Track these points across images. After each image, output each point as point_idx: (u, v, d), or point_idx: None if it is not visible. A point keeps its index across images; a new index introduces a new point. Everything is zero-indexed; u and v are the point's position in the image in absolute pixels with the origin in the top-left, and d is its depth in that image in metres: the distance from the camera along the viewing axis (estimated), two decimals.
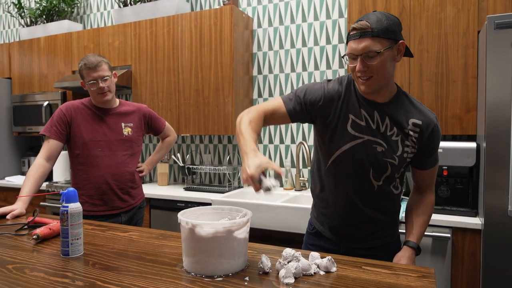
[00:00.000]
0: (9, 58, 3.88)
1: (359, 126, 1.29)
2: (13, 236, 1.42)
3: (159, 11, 3.14)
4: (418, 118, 1.29)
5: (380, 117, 1.28)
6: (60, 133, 1.90)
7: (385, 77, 1.22)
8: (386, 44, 1.18)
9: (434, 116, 1.32)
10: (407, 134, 1.29)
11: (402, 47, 1.23)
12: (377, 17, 1.18)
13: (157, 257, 1.18)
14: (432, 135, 1.31)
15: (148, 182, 3.47)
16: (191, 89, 2.94)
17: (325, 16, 2.83)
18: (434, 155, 1.36)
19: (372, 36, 1.17)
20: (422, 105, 1.33)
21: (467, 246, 1.92)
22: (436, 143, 1.34)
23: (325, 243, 1.44)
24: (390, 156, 1.29)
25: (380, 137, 1.28)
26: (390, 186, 1.35)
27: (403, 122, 1.28)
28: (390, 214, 1.40)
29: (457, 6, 2.15)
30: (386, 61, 1.19)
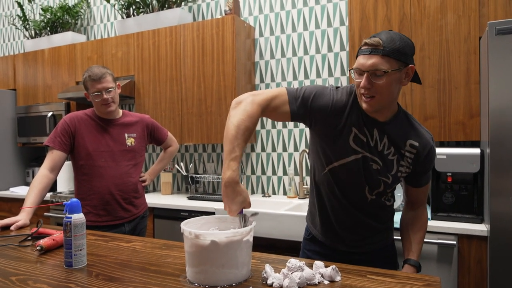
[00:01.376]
0: (13, 69, 3.92)
1: (360, 141, 1.28)
2: (17, 247, 1.42)
3: (161, 22, 3.17)
4: (416, 140, 1.29)
5: (379, 136, 1.28)
6: (64, 144, 1.91)
7: (389, 98, 1.20)
8: (395, 65, 1.15)
9: (430, 137, 1.32)
10: (403, 154, 1.29)
11: (411, 72, 1.21)
12: (391, 37, 1.16)
13: (161, 267, 1.17)
14: (428, 157, 1.32)
15: (151, 191, 3.47)
16: (193, 99, 2.96)
17: (326, 24, 2.85)
18: (428, 173, 1.38)
19: (382, 55, 1.14)
20: (420, 126, 1.33)
21: (474, 253, 1.90)
22: (431, 163, 1.35)
23: (320, 248, 1.44)
24: (384, 174, 1.29)
25: (377, 155, 1.28)
26: (381, 198, 1.36)
27: (400, 142, 1.28)
28: (383, 221, 1.41)
29: (458, 13, 2.16)
30: (392, 82, 1.17)
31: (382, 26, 2.33)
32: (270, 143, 3.06)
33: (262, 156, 3.08)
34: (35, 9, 4.33)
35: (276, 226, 2.27)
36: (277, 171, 3.03)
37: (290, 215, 2.23)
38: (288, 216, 2.24)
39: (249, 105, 1.20)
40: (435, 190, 2.11)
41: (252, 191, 3.12)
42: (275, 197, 2.92)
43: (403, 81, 1.21)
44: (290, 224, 2.22)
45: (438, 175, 2.11)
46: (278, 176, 3.03)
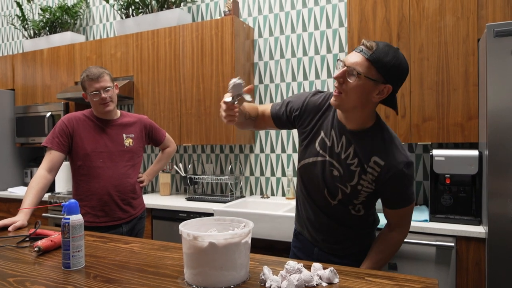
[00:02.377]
0: (12, 69, 3.92)
1: (325, 145, 1.31)
2: (15, 248, 1.41)
3: (160, 22, 3.16)
4: (382, 158, 1.23)
5: (346, 144, 1.27)
6: (62, 144, 1.91)
7: (354, 103, 1.18)
8: (372, 74, 1.13)
9: (404, 162, 1.23)
10: (366, 169, 1.25)
11: (386, 92, 1.17)
12: (387, 50, 1.14)
13: (159, 269, 1.17)
14: (391, 180, 1.24)
15: (150, 192, 3.47)
16: (192, 99, 2.96)
17: (325, 26, 2.85)
18: (398, 198, 1.29)
19: (367, 58, 1.13)
20: (398, 148, 1.25)
21: (472, 255, 1.90)
22: (399, 189, 1.26)
23: (303, 244, 1.49)
24: (343, 183, 1.29)
25: (339, 162, 1.29)
26: (348, 207, 1.33)
27: (365, 156, 1.25)
28: (355, 228, 1.38)
29: (457, 15, 2.16)
30: (362, 89, 1.15)
31: (381, 27, 2.33)
32: (269, 144, 3.06)
33: (261, 157, 3.08)
34: (34, 9, 4.32)
35: (274, 227, 2.27)
36: (276, 172, 3.03)
37: (288, 217, 2.23)
38: (286, 218, 2.24)
39: None
40: (434, 192, 2.12)
41: (251, 192, 3.12)
42: (274, 198, 2.92)
43: (374, 97, 1.17)
44: (289, 225, 2.22)
45: (437, 177, 2.11)
46: (276, 177, 3.03)
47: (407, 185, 1.26)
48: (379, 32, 2.34)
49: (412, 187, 1.29)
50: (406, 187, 1.27)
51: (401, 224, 1.34)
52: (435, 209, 2.11)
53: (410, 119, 2.27)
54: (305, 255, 1.49)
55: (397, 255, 2.02)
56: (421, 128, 2.24)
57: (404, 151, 1.25)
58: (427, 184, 2.53)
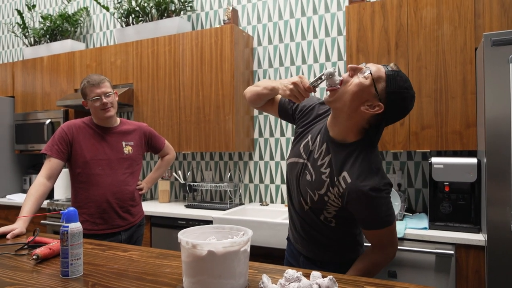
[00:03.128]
0: (12, 77, 3.93)
1: (307, 148, 1.34)
2: (13, 256, 1.41)
3: (160, 31, 3.19)
4: (350, 176, 1.19)
5: (325, 152, 1.28)
6: (61, 152, 1.91)
7: (344, 102, 1.19)
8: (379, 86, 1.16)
9: (370, 186, 1.16)
10: (334, 182, 1.23)
11: (376, 110, 1.16)
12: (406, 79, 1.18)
13: (157, 277, 1.17)
14: (356, 201, 1.19)
15: (149, 199, 3.46)
16: (192, 107, 2.97)
17: (324, 34, 2.87)
18: (367, 219, 1.23)
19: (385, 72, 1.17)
20: (371, 170, 1.19)
21: (471, 263, 1.90)
22: (365, 211, 1.20)
23: (293, 249, 1.51)
24: (312, 189, 1.29)
25: (313, 167, 1.30)
26: (319, 216, 1.31)
27: (337, 169, 1.23)
28: (331, 238, 1.34)
29: (454, 24, 2.18)
30: (360, 91, 1.16)
31: (379, 36, 2.35)
32: (268, 152, 3.06)
33: (260, 165, 3.09)
34: (34, 17, 4.35)
35: (273, 234, 2.27)
36: (275, 179, 3.03)
37: (287, 224, 2.23)
38: (285, 225, 2.24)
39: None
40: (433, 199, 2.12)
41: (250, 200, 3.12)
42: (273, 206, 2.92)
43: (364, 107, 1.17)
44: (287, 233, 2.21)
45: (435, 185, 2.11)
46: (276, 185, 3.03)
47: (375, 208, 1.19)
48: (377, 41, 2.36)
49: (384, 211, 1.20)
50: (375, 210, 1.19)
51: (380, 246, 1.26)
52: (434, 217, 2.11)
53: (408, 127, 2.28)
54: (294, 261, 1.50)
55: (397, 263, 2.02)
56: (420, 136, 2.25)
57: (381, 177, 1.19)
58: (426, 191, 2.53)
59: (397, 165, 2.61)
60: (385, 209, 1.21)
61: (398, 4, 2.31)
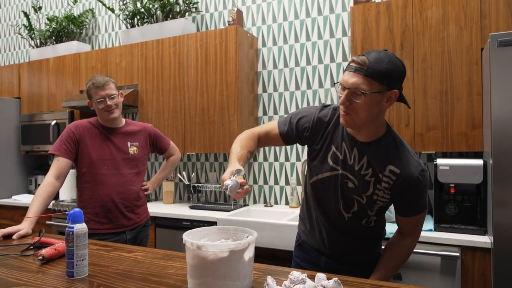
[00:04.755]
0: (18, 78, 3.96)
1: (337, 159, 1.32)
2: (19, 256, 1.42)
3: (165, 32, 3.20)
4: (398, 167, 1.23)
5: (358, 155, 1.27)
6: (69, 151, 1.93)
7: (365, 118, 1.19)
8: (376, 87, 1.14)
9: (418, 170, 1.23)
10: (380, 178, 1.25)
11: (394, 97, 1.18)
12: (379, 57, 1.14)
13: (162, 278, 1.17)
14: (408, 188, 1.24)
15: (153, 200, 3.47)
16: (196, 108, 2.97)
17: (328, 35, 2.87)
18: (413, 206, 1.30)
19: (365, 75, 1.13)
20: (411, 155, 1.25)
21: (477, 265, 1.88)
22: (414, 197, 1.27)
23: (308, 255, 1.49)
24: (358, 194, 1.29)
25: (353, 174, 1.29)
26: (361, 222, 1.34)
27: (380, 166, 1.25)
28: (365, 240, 1.39)
29: (460, 24, 2.17)
30: (370, 103, 1.16)
31: (384, 37, 2.35)
32: (272, 153, 3.06)
33: (264, 166, 3.08)
34: (41, 18, 4.38)
35: (278, 236, 2.26)
36: (279, 180, 3.03)
37: (292, 225, 2.23)
38: (290, 226, 2.23)
39: (246, 133, 1.43)
40: (438, 201, 2.11)
41: (254, 201, 3.12)
42: (277, 207, 2.91)
43: (384, 104, 1.18)
44: (292, 234, 2.21)
45: (441, 186, 2.10)
46: (280, 186, 3.03)
47: (421, 192, 1.27)
48: (382, 41, 2.35)
49: (426, 194, 1.29)
50: (421, 194, 1.27)
51: (413, 231, 1.35)
52: (439, 219, 2.09)
53: (414, 128, 2.27)
54: (310, 265, 1.48)
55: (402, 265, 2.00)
56: (425, 137, 2.24)
57: (417, 158, 1.26)
58: (431, 193, 2.51)
59: None
60: (426, 193, 1.29)
61: (403, 5, 2.31)
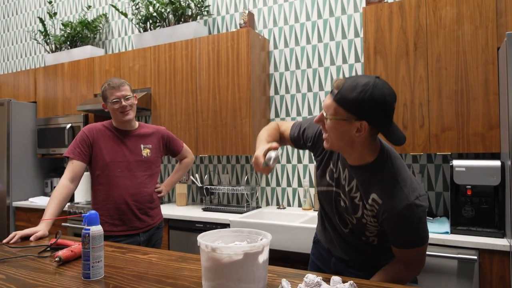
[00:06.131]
0: (34, 83, 4.04)
1: (333, 175, 1.33)
2: (36, 258, 1.44)
3: (177, 35, 3.22)
4: (380, 197, 1.16)
5: (349, 177, 1.26)
6: (83, 154, 1.95)
7: (338, 143, 1.16)
8: (341, 114, 1.10)
9: (403, 204, 1.12)
10: (366, 205, 1.21)
11: (364, 128, 1.10)
12: (355, 85, 1.08)
13: (177, 280, 1.17)
14: (388, 221, 1.16)
15: (166, 202, 3.49)
16: (209, 111, 2.99)
17: (340, 36, 2.85)
18: (400, 239, 1.18)
19: (333, 99, 1.12)
20: (398, 186, 1.14)
21: (496, 269, 1.84)
22: (399, 231, 1.16)
23: (321, 254, 1.53)
24: (349, 214, 1.29)
25: (344, 194, 1.29)
26: (360, 237, 1.31)
27: (365, 192, 1.21)
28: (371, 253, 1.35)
29: (475, 23, 2.14)
30: (338, 130, 1.13)
31: (397, 37, 2.32)
32: (285, 155, 3.05)
33: (277, 168, 3.08)
34: (56, 24, 4.46)
35: (290, 238, 2.25)
36: (292, 182, 3.02)
37: (305, 228, 2.21)
38: (303, 229, 2.22)
39: (271, 124, 1.55)
40: (454, 203, 2.07)
41: (267, 203, 3.11)
42: (290, 209, 2.90)
43: (355, 135, 1.12)
44: (306, 236, 2.19)
45: (457, 188, 2.06)
46: (293, 188, 3.01)
47: (408, 228, 1.15)
48: (395, 42, 2.33)
49: (419, 229, 1.16)
50: (407, 230, 1.15)
51: (408, 263, 1.22)
52: (456, 221, 2.06)
53: (428, 129, 2.24)
54: (322, 264, 1.50)
55: None
56: (440, 138, 2.20)
57: (410, 190, 1.14)
58: (447, 195, 2.48)
59: (417, 168, 2.57)
60: (419, 228, 1.16)
61: (417, 4, 2.28)
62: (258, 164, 1.28)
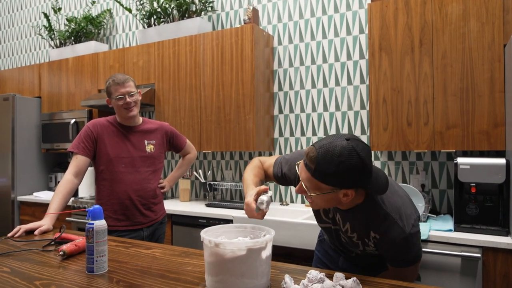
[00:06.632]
0: (39, 78, 4.05)
1: (328, 216, 1.33)
2: (41, 252, 1.45)
3: (181, 31, 3.22)
4: (378, 233, 1.19)
5: (342, 220, 1.27)
6: (87, 149, 1.96)
7: (326, 205, 1.16)
8: (324, 188, 1.08)
9: (401, 237, 1.15)
10: (366, 241, 1.24)
11: (351, 194, 1.09)
12: (329, 157, 1.03)
13: (180, 275, 1.18)
14: (387, 250, 1.21)
15: (170, 198, 3.50)
16: (212, 106, 2.98)
17: (345, 33, 2.84)
18: (396, 260, 1.23)
19: (312, 175, 1.07)
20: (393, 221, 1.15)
21: (499, 267, 1.84)
22: (397, 254, 1.20)
23: (328, 249, 1.53)
24: (351, 247, 1.32)
25: (342, 233, 1.30)
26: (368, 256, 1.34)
27: (363, 231, 1.22)
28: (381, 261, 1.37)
29: (481, 20, 2.12)
30: (324, 199, 1.11)
31: (403, 34, 2.31)
32: (288, 151, 3.05)
33: None
34: (60, 19, 4.47)
35: (293, 235, 2.26)
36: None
37: (308, 224, 2.21)
38: (305, 225, 2.22)
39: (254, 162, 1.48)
40: (458, 201, 2.06)
41: None
42: (293, 206, 2.90)
43: (342, 198, 1.10)
44: (308, 233, 2.19)
45: (461, 186, 2.05)
46: None
47: (406, 252, 1.19)
48: (401, 38, 2.32)
49: (414, 251, 1.21)
50: (406, 253, 1.20)
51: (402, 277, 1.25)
52: (460, 219, 2.05)
53: (433, 127, 2.23)
54: (329, 261, 1.51)
55: (421, 265, 1.97)
56: (445, 135, 2.19)
57: (405, 220, 1.16)
58: (451, 192, 2.47)
59: (421, 166, 2.56)
60: (414, 250, 1.21)
61: (423, 1, 2.26)
62: (251, 210, 1.21)
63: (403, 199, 1.21)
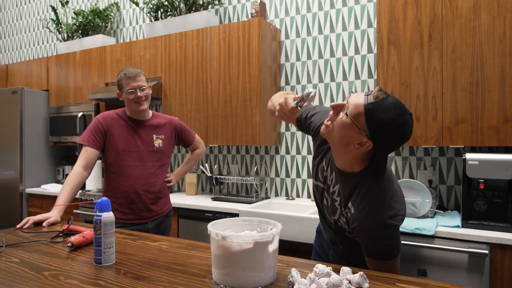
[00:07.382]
0: (47, 71, 4.07)
1: (323, 174, 1.33)
2: (49, 243, 1.46)
3: (188, 25, 3.21)
4: (355, 207, 1.17)
5: (335, 180, 1.27)
6: (97, 141, 1.97)
7: (336, 139, 1.15)
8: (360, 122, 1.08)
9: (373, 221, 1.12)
10: (343, 211, 1.23)
11: (366, 147, 1.10)
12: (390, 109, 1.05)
13: (187, 267, 1.18)
14: (355, 230, 1.18)
15: (176, 191, 3.52)
16: (219, 100, 2.98)
17: (353, 27, 2.81)
18: (366, 248, 1.19)
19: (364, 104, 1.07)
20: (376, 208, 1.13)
21: (507, 264, 1.82)
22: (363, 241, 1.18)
23: (323, 241, 1.55)
24: (328, 214, 1.32)
25: (328, 193, 1.31)
26: (344, 233, 1.30)
27: (344, 199, 1.21)
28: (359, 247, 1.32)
29: (493, 14, 2.08)
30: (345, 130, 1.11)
31: (412, 28, 2.28)
32: (295, 146, 3.04)
33: (287, 159, 3.07)
34: (68, 13, 4.48)
35: (300, 229, 2.26)
36: (302, 173, 3.01)
37: (314, 219, 2.21)
38: (312, 219, 2.22)
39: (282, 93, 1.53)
40: (466, 197, 2.04)
41: (276, 194, 3.11)
42: (299, 200, 2.90)
43: (354, 145, 1.11)
44: (314, 227, 2.19)
45: (470, 182, 2.04)
46: (302, 179, 3.01)
47: (376, 241, 1.16)
48: (410, 32, 2.29)
49: (386, 245, 1.16)
50: (376, 243, 1.16)
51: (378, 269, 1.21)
52: (467, 215, 2.03)
53: (442, 122, 2.20)
54: (322, 253, 1.53)
55: (427, 261, 1.96)
56: (454, 131, 2.17)
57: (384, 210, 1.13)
58: (458, 188, 2.45)
59: (429, 161, 2.54)
60: (388, 244, 1.17)
61: None
62: (287, 104, 1.26)
63: (396, 194, 1.18)
